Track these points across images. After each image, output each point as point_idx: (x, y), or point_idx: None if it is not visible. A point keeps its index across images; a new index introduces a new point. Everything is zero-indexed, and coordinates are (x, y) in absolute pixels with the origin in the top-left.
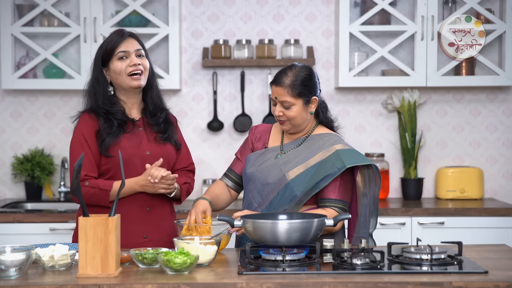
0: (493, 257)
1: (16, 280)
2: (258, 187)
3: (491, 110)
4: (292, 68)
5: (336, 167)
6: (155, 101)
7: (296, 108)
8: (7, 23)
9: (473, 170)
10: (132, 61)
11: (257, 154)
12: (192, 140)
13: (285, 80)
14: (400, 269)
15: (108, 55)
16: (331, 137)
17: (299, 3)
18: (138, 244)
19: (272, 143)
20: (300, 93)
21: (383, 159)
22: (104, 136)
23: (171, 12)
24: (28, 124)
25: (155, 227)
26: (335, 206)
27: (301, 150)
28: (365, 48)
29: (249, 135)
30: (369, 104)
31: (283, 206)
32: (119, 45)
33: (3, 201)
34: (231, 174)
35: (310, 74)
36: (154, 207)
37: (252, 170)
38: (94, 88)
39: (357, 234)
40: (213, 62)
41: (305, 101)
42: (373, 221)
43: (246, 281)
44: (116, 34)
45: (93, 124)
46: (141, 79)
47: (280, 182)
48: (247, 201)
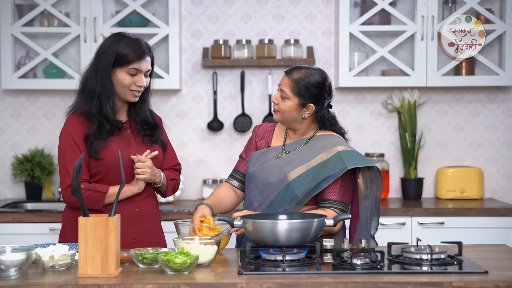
0: (493, 257)
1: (16, 280)
2: (260, 187)
3: (491, 110)
4: (309, 68)
5: (338, 168)
6: (145, 115)
7: (289, 104)
8: (7, 23)
9: (473, 170)
10: (140, 82)
11: (259, 153)
12: (192, 140)
13: (295, 75)
14: (400, 269)
15: (120, 64)
16: (334, 139)
17: (299, 3)
18: (127, 245)
19: (275, 142)
20: (300, 93)
21: (383, 159)
22: (93, 140)
23: (171, 12)
24: (28, 124)
25: (143, 228)
26: (335, 207)
27: (303, 151)
28: (365, 48)
29: (252, 134)
30: (369, 104)
31: (283, 206)
32: (136, 62)
33: (3, 201)
34: (236, 175)
35: (320, 82)
36: (143, 208)
37: (254, 169)
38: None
39: (358, 236)
40: (213, 62)
41: (301, 103)
42: (375, 223)
43: (246, 281)
44: (137, 48)
45: (82, 127)
46: (138, 96)
47: (282, 182)
48: (248, 201)
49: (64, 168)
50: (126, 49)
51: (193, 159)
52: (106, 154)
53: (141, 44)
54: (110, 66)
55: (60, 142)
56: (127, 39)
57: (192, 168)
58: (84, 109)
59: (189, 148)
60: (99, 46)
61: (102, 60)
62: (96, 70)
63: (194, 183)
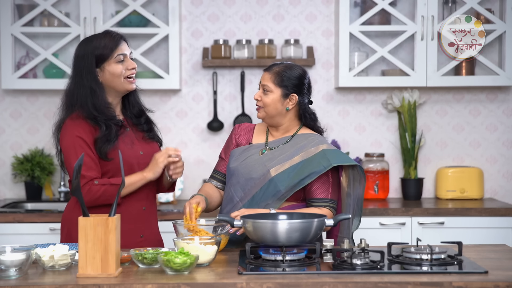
0: (493, 257)
1: (16, 280)
2: (241, 182)
3: (491, 110)
4: (288, 63)
5: (322, 165)
6: (139, 102)
7: (273, 96)
8: (7, 23)
9: (473, 170)
10: (130, 65)
11: (241, 149)
12: (192, 140)
13: (275, 68)
14: (400, 269)
15: (104, 58)
16: (316, 137)
17: (299, 3)
18: (135, 244)
19: (256, 140)
20: (282, 83)
21: (383, 159)
22: (102, 143)
23: (171, 12)
24: (28, 124)
25: (150, 226)
26: (329, 206)
27: (286, 148)
28: (365, 48)
29: (232, 133)
30: (369, 104)
31: (265, 200)
32: (118, 48)
33: (3, 201)
34: (217, 175)
35: (301, 74)
36: (150, 206)
37: (236, 164)
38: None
39: (341, 234)
40: (213, 62)
41: (284, 94)
42: (356, 222)
43: (246, 281)
44: (110, 37)
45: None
46: (135, 82)
47: (264, 177)
48: (228, 195)
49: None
50: (102, 43)
51: (193, 159)
52: (114, 155)
53: (111, 32)
54: (93, 67)
55: (65, 144)
56: (97, 36)
57: (192, 168)
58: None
59: (189, 148)
60: (74, 57)
61: (82, 65)
62: (80, 76)
63: (194, 183)
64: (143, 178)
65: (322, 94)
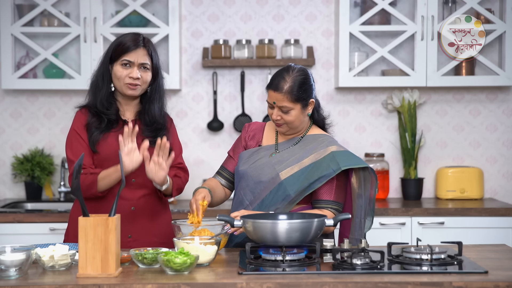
0: (493, 257)
1: (16, 280)
2: (251, 185)
3: (491, 110)
4: (289, 72)
5: (331, 168)
6: (152, 113)
7: (294, 112)
8: (7, 23)
9: (473, 170)
10: (133, 74)
11: (251, 152)
12: (192, 140)
13: (284, 86)
14: (400, 269)
15: (116, 56)
16: (326, 138)
17: (299, 3)
18: (123, 243)
19: (266, 141)
20: (299, 98)
21: (383, 159)
22: (93, 131)
23: (171, 12)
24: (28, 124)
25: (140, 227)
26: (331, 208)
27: (296, 150)
28: (365, 48)
29: (242, 133)
30: (369, 104)
31: (275, 205)
32: (127, 53)
33: (3, 201)
34: (224, 172)
35: (306, 77)
36: (139, 207)
37: (245, 167)
38: (97, 85)
39: (352, 235)
40: (213, 62)
41: (303, 105)
42: (368, 222)
43: (246, 281)
44: (131, 39)
45: (84, 119)
46: (136, 90)
47: (274, 180)
48: (238, 199)
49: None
50: (123, 39)
51: (193, 159)
52: (102, 148)
53: (138, 35)
54: (108, 58)
55: (67, 136)
56: (125, 35)
57: (192, 168)
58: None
59: (189, 148)
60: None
61: (104, 56)
62: (100, 65)
63: (194, 183)
64: (117, 170)
65: (322, 94)
